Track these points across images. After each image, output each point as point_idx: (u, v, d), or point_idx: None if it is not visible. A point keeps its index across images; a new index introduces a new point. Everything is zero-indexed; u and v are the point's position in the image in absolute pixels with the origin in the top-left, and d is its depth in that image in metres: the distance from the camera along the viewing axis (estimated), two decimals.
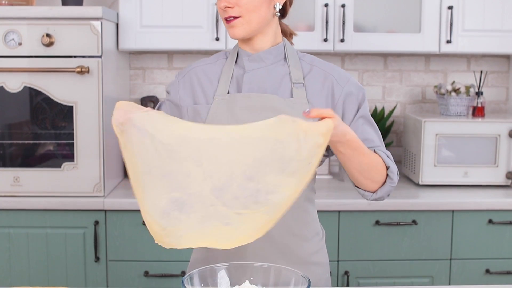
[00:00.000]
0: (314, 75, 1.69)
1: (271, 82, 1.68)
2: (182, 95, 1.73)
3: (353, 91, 1.68)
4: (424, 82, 3.39)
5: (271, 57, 1.70)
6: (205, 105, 1.69)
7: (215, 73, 1.73)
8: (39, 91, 2.70)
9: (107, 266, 2.74)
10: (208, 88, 1.71)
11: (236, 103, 1.66)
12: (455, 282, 2.79)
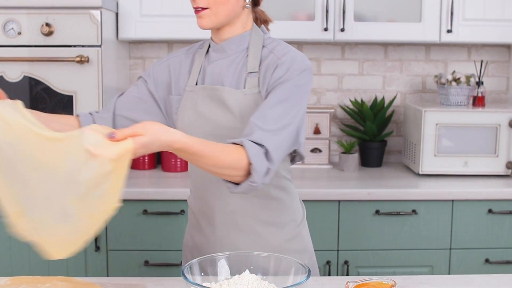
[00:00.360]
0: (269, 62, 1.65)
1: (230, 73, 1.68)
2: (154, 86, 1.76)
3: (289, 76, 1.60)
4: (424, 72, 3.38)
5: (233, 47, 1.70)
6: (177, 96, 1.74)
7: (188, 64, 1.76)
8: (38, 81, 2.70)
9: (107, 255, 2.74)
10: (180, 80, 1.75)
11: (198, 96, 1.69)
12: (454, 272, 2.80)
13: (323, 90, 3.36)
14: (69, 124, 1.70)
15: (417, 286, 1.61)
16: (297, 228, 1.80)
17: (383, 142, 3.22)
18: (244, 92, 1.65)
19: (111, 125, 1.75)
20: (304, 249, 1.82)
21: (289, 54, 1.64)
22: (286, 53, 1.64)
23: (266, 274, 1.47)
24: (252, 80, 1.66)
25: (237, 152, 1.45)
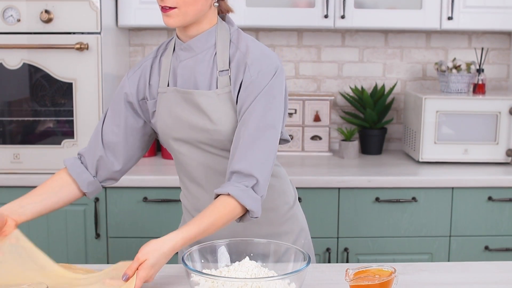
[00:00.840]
0: (237, 59, 1.63)
1: (201, 73, 1.65)
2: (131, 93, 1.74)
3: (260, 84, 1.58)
4: (425, 59, 3.37)
5: (200, 45, 1.65)
6: (151, 100, 1.72)
7: (157, 66, 1.73)
8: (38, 68, 2.69)
9: (107, 242, 2.75)
10: (153, 83, 1.72)
11: (172, 98, 1.67)
12: (454, 259, 2.80)
13: (323, 77, 3.36)
14: (65, 191, 1.74)
15: (417, 273, 1.62)
16: (291, 210, 1.81)
17: (383, 130, 3.22)
18: (217, 93, 1.62)
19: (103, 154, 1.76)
20: (301, 229, 1.83)
21: (254, 56, 1.61)
22: (251, 54, 1.61)
23: (266, 261, 1.47)
24: (224, 79, 1.62)
25: (229, 205, 1.51)
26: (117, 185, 2.67)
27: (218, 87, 1.62)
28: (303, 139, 3.17)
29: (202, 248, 1.45)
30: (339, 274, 1.60)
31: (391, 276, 1.36)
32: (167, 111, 1.68)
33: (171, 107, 1.67)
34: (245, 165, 1.53)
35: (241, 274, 1.36)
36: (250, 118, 1.57)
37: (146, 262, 1.44)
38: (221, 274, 1.37)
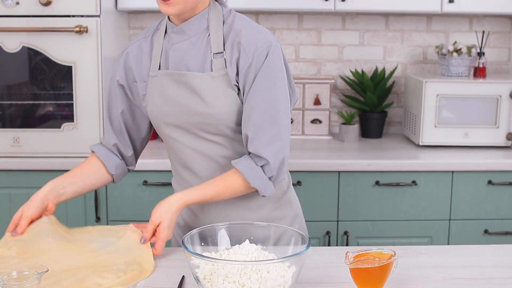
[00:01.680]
0: (231, 40, 1.61)
1: (193, 56, 1.63)
2: (121, 76, 1.74)
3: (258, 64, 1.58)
4: (425, 42, 3.36)
5: (193, 28, 1.63)
6: (142, 83, 1.70)
7: (148, 48, 1.71)
8: (37, 51, 2.68)
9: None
10: (143, 65, 1.71)
11: (164, 81, 1.65)
12: (453, 242, 2.81)
13: (324, 60, 3.35)
14: (99, 173, 1.79)
15: (416, 256, 1.62)
16: (285, 195, 1.80)
17: (384, 113, 3.21)
18: (212, 75, 1.60)
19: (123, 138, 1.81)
20: (295, 215, 1.83)
21: (247, 36, 1.59)
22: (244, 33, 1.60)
23: (266, 244, 1.47)
24: (219, 62, 1.60)
25: (236, 179, 1.60)
26: None
27: (213, 69, 1.60)
28: (303, 123, 3.17)
29: (202, 231, 1.45)
30: (339, 257, 1.60)
31: (391, 259, 1.36)
32: (158, 95, 1.66)
33: (163, 91, 1.65)
34: (255, 147, 1.59)
35: (241, 257, 1.36)
36: (255, 100, 1.58)
37: (162, 223, 1.55)
38: (221, 257, 1.38)
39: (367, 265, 1.34)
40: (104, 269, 1.50)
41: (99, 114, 2.71)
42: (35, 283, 1.16)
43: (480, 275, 1.50)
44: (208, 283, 1.29)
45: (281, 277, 1.29)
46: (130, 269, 1.51)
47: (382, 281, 1.36)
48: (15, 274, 1.17)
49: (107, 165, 1.78)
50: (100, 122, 2.72)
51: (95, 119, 2.71)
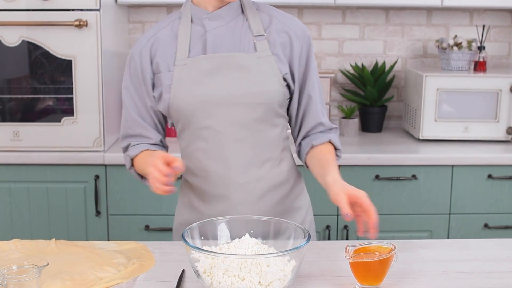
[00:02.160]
0: (275, 26, 1.68)
1: (234, 39, 1.65)
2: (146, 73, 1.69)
3: (308, 48, 1.71)
4: (425, 36, 3.36)
5: (231, 13, 1.66)
6: (167, 73, 1.66)
7: (171, 37, 1.68)
8: (37, 45, 2.68)
9: (108, 220, 2.75)
10: (167, 55, 1.67)
11: (199, 67, 1.63)
12: (453, 236, 2.81)
13: (324, 54, 3.34)
14: None
15: (416, 250, 1.62)
16: (301, 183, 1.82)
17: (384, 107, 3.21)
18: (257, 55, 1.64)
19: None
20: (309, 205, 1.84)
21: (296, 23, 1.70)
22: (291, 21, 1.70)
23: (266, 238, 1.47)
24: (262, 44, 1.65)
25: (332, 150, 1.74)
26: (117, 162, 2.68)
27: (257, 50, 1.64)
28: None
29: (202, 225, 1.45)
30: (339, 251, 1.60)
31: (391, 253, 1.36)
32: (192, 82, 1.63)
33: (199, 76, 1.63)
34: (326, 119, 1.75)
35: (241, 251, 1.36)
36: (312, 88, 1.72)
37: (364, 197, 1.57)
38: (221, 251, 1.38)
39: (367, 259, 1.34)
40: (105, 263, 1.50)
41: (99, 108, 2.71)
42: (35, 277, 1.16)
43: (480, 269, 1.50)
44: (208, 277, 1.29)
45: (281, 271, 1.30)
46: (130, 262, 1.51)
47: (382, 275, 1.36)
48: (15, 268, 1.18)
49: (165, 145, 1.79)
50: (100, 116, 2.71)
51: (95, 113, 2.71)
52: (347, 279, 1.43)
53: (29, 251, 1.59)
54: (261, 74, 1.63)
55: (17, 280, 1.15)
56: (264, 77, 1.63)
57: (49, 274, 1.41)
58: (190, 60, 1.64)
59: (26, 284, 1.15)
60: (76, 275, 1.43)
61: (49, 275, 1.40)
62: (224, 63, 1.62)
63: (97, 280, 1.41)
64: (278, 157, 1.71)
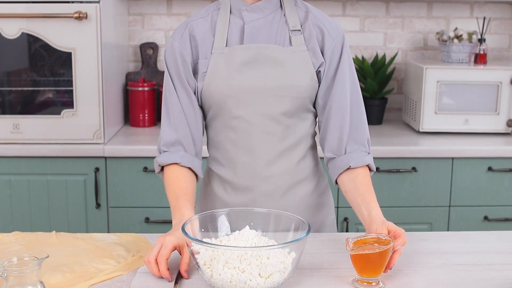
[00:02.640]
0: (311, 21, 1.68)
1: (271, 32, 1.67)
2: (186, 56, 1.67)
3: (340, 48, 1.69)
4: (426, 29, 3.35)
5: (270, 6, 1.68)
6: (203, 60, 1.66)
7: (209, 27, 1.69)
8: (37, 38, 2.67)
9: (108, 212, 2.76)
10: (205, 43, 1.68)
11: (236, 56, 1.64)
12: (453, 229, 2.81)
13: None
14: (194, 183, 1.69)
15: (416, 242, 1.62)
16: (325, 182, 1.81)
17: (384, 100, 3.21)
18: (292, 50, 1.65)
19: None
20: (332, 204, 1.84)
21: (326, 19, 1.70)
22: (323, 17, 1.70)
23: (266, 230, 1.47)
24: (298, 38, 1.66)
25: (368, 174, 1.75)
26: (118, 155, 2.68)
27: (293, 45, 1.65)
28: None
29: (202, 217, 1.46)
30: (338, 243, 1.60)
31: (390, 245, 1.36)
32: (229, 71, 1.63)
33: (234, 66, 1.63)
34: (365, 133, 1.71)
35: (241, 243, 1.36)
36: (345, 84, 1.68)
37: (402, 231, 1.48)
38: (221, 243, 1.38)
39: (368, 251, 1.34)
40: (105, 255, 1.50)
41: (99, 101, 2.71)
42: (36, 269, 1.16)
43: (480, 261, 1.50)
44: (208, 269, 1.30)
45: (281, 263, 1.30)
46: (130, 255, 1.51)
47: (381, 266, 1.37)
48: (15, 260, 1.18)
49: (196, 171, 1.69)
50: (100, 109, 2.71)
51: (95, 105, 2.71)
52: (347, 271, 1.43)
53: (30, 244, 1.59)
54: (295, 68, 1.64)
55: (17, 272, 1.15)
56: (298, 71, 1.64)
57: (49, 266, 1.41)
58: (227, 49, 1.65)
59: (27, 276, 1.15)
60: (76, 267, 1.43)
61: (49, 267, 1.40)
62: (259, 55, 1.63)
63: (97, 272, 1.41)
64: (304, 152, 1.72)
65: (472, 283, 1.38)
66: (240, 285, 1.27)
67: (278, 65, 1.63)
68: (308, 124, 1.71)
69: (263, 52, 1.64)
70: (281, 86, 1.63)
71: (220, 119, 1.68)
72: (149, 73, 3.22)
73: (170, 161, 1.66)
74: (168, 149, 1.68)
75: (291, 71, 1.63)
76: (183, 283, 1.37)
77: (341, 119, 1.67)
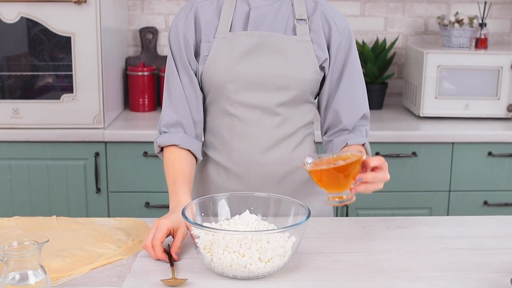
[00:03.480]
0: (319, 13, 1.67)
1: (277, 20, 1.66)
2: (189, 38, 1.66)
3: (347, 42, 1.70)
4: (427, 13, 3.33)
5: None
6: (206, 43, 1.66)
7: (215, 10, 1.68)
8: (36, 22, 2.66)
9: (108, 197, 2.76)
10: (209, 26, 1.67)
11: (239, 42, 1.63)
12: (453, 214, 2.82)
13: None
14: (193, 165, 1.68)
15: (416, 227, 1.63)
16: None
17: (384, 84, 3.20)
18: (296, 39, 1.64)
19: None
20: None
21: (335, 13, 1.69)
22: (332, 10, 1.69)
23: (266, 214, 1.48)
24: (302, 28, 1.65)
25: None
26: (118, 139, 2.68)
27: (297, 34, 1.64)
28: None
29: (202, 202, 1.46)
30: (338, 227, 1.61)
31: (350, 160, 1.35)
32: (230, 56, 1.63)
33: (237, 51, 1.63)
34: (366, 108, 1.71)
35: (241, 227, 1.36)
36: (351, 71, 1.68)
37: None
38: (221, 227, 1.38)
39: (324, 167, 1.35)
40: (105, 240, 1.51)
41: (99, 86, 2.70)
42: (36, 253, 1.16)
43: (479, 246, 1.51)
44: (208, 253, 1.30)
45: (281, 247, 1.30)
46: (130, 239, 1.52)
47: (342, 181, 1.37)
48: (15, 244, 1.18)
49: (195, 153, 1.68)
50: (99, 93, 2.71)
51: (95, 90, 2.70)
52: (346, 255, 1.43)
53: (30, 228, 1.59)
54: (297, 59, 1.63)
55: (17, 256, 1.15)
56: (300, 62, 1.63)
57: (49, 250, 1.41)
58: (231, 34, 1.64)
59: (27, 260, 1.15)
60: (77, 252, 1.43)
61: (49, 252, 1.41)
62: (262, 42, 1.63)
63: (98, 256, 1.41)
64: (301, 140, 1.72)
65: (472, 267, 1.38)
66: (240, 269, 1.27)
67: (280, 54, 1.62)
68: (306, 114, 1.71)
69: (266, 39, 1.63)
70: (281, 76, 1.62)
71: (218, 104, 1.68)
72: (148, 58, 3.21)
73: (170, 143, 1.66)
74: (169, 130, 1.68)
75: (293, 62, 1.63)
76: (182, 267, 1.37)
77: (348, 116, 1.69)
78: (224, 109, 1.67)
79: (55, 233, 1.55)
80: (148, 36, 3.23)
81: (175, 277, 1.31)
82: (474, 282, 1.31)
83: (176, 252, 1.40)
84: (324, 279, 1.31)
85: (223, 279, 1.30)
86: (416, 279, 1.32)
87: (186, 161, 1.65)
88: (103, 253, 1.43)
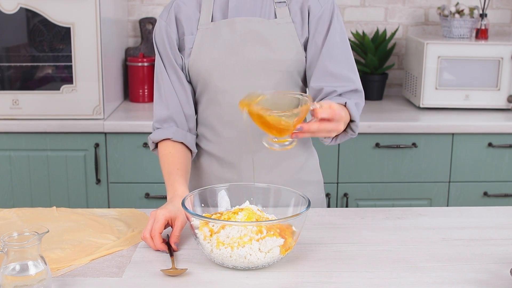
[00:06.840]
0: None
1: (256, 5, 1.65)
2: (171, 33, 1.67)
3: (329, 15, 1.64)
4: (427, 4, 3.32)
5: None
6: (189, 36, 1.66)
7: (196, 4, 1.68)
8: (35, 13, 2.65)
9: (108, 188, 2.76)
10: (191, 19, 1.67)
11: (221, 31, 1.63)
12: (453, 204, 2.82)
13: None
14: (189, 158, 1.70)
15: (416, 217, 1.63)
16: (314, 160, 1.81)
17: (384, 75, 3.20)
18: (277, 22, 1.63)
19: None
20: (321, 183, 1.83)
21: None
22: None
23: (266, 205, 1.48)
24: (282, 10, 1.64)
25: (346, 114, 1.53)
26: (117, 130, 2.68)
27: (277, 17, 1.63)
28: None
29: (202, 192, 1.46)
30: (338, 218, 1.61)
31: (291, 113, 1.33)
32: (214, 46, 1.63)
33: (220, 40, 1.63)
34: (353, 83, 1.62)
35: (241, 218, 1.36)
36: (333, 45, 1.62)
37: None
38: (222, 217, 1.38)
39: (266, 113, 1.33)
40: (105, 230, 1.51)
41: (98, 76, 2.70)
42: (36, 244, 1.16)
43: (479, 237, 1.51)
44: (208, 244, 1.30)
45: (281, 238, 1.30)
46: (130, 230, 1.52)
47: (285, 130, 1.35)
48: (15, 235, 1.18)
49: (190, 146, 1.69)
50: (99, 84, 2.70)
51: (95, 81, 2.70)
52: (346, 246, 1.44)
53: (30, 219, 1.59)
54: (280, 41, 1.62)
55: (17, 247, 1.15)
56: (283, 45, 1.62)
57: (49, 241, 1.41)
58: (212, 24, 1.65)
59: (27, 251, 1.16)
60: (77, 242, 1.43)
61: (49, 242, 1.41)
62: (243, 28, 1.63)
63: (98, 247, 1.41)
64: None
65: (471, 258, 1.39)
66: (240, 259, 1.27)
67: (263, 39, 1.62)
68: None
69: (247, 25, 1.63)
70: (266, 60, 1.62)
71: (207, 94, 1.68)
72: (148, 49, 3.21)
73: (162, 137, 1.67)
74: (161, 126, 1.69)
75: (276, 45, 1.62)
76: (182, 257, 1.38)
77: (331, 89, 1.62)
78: (213, 99, 1.68)
79: (55, 224, 1.55)
80: (148, 27, 3.22)
81: (175, 267, 1.31)
82: (473, 272, 1.31)
83: (175, 242, 1.41)
84: (323, 270, 1.31)
85: (223, 269, 1.31)
86: (415, 270, 1.32)
87: (181, 153, 1.66)
88: (103, 243, 1.44)
